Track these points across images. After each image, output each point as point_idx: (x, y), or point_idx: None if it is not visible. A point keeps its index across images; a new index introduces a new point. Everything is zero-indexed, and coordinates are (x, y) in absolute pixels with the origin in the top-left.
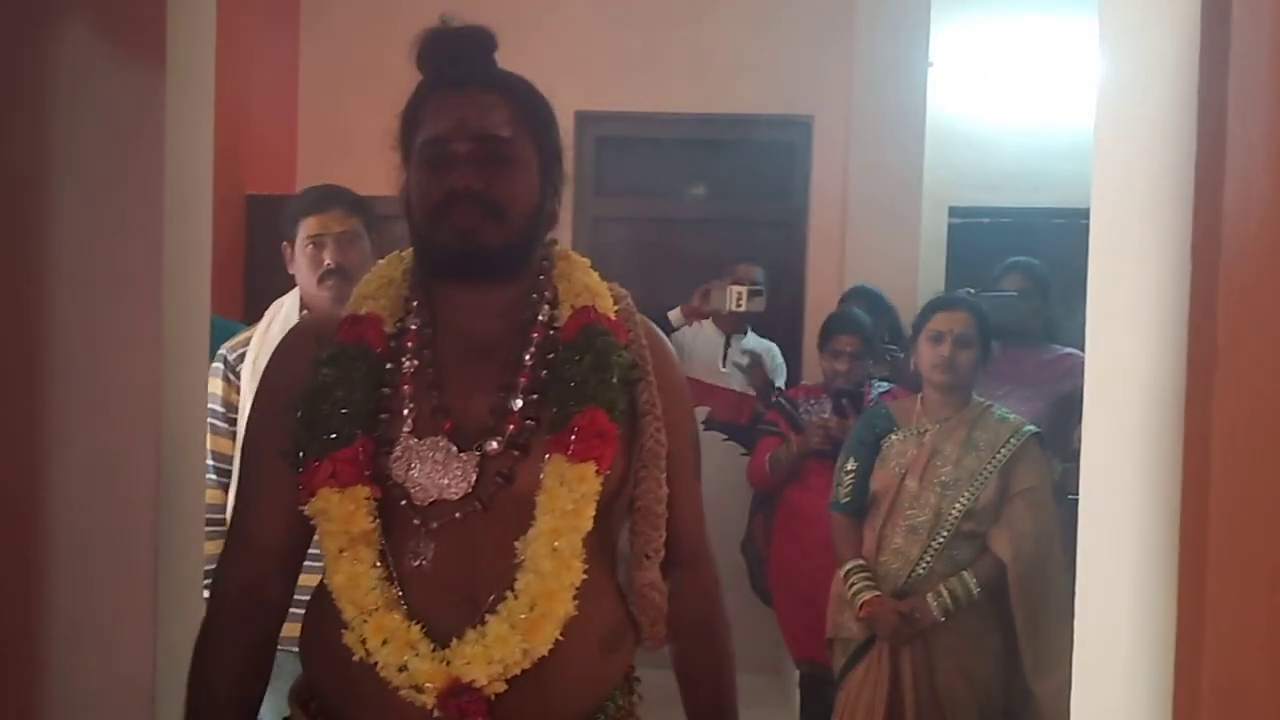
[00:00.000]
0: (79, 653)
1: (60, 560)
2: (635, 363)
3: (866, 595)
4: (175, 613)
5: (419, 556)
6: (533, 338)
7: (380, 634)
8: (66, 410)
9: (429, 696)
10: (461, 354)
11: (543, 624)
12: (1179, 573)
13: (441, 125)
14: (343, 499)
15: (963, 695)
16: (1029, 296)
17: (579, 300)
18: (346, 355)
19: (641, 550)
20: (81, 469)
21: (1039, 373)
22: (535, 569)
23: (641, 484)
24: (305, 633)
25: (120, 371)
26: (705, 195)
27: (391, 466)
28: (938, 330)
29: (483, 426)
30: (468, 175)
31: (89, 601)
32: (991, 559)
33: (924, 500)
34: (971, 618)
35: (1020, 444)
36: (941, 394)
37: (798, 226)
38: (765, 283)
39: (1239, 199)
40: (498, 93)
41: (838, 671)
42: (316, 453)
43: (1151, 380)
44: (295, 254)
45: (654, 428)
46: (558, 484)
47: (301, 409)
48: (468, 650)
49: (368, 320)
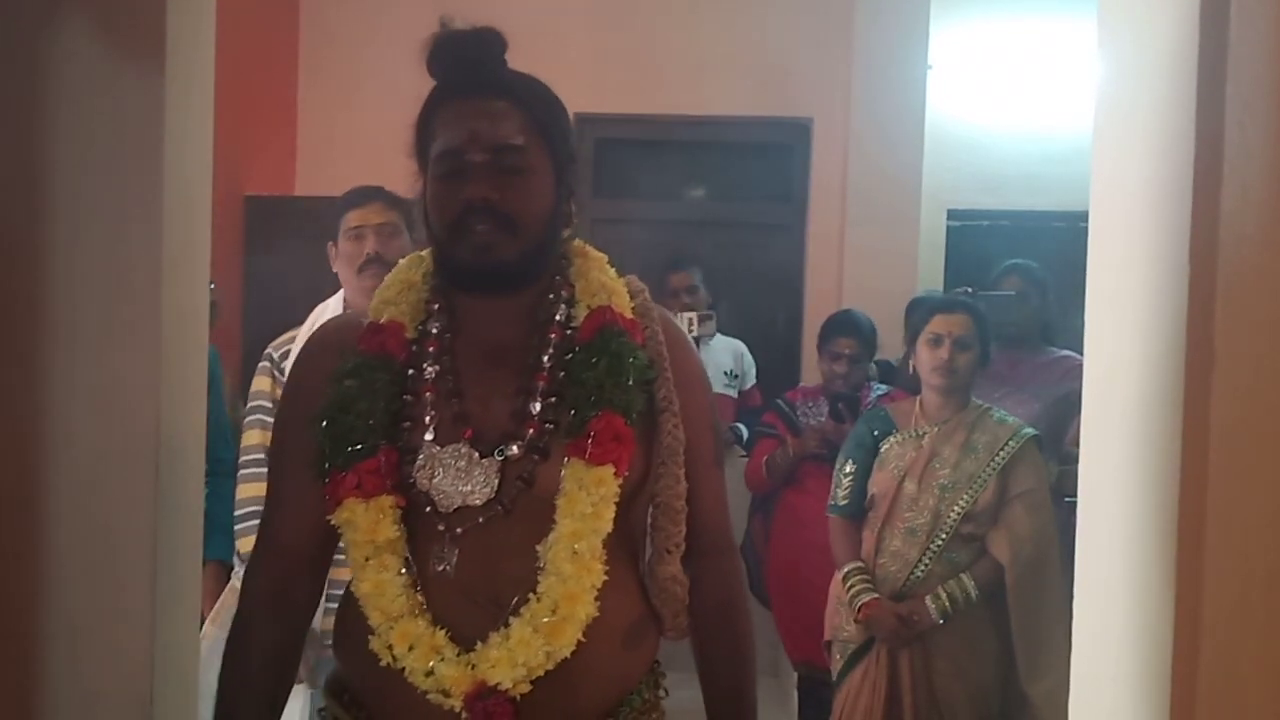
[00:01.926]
0: (77, 653)
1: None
2: (651, 362)
3: (865, 598)
4: (173, 613)
5: (443, 562)
6: (550, 339)
7: (406, 640)
8: (66, 411)
9: (455, 700)
10: (481, 358)
11: (565, 626)
12: (1176, 574)
13: (454, 137)
14: (368, 509)
15: (960, 698)
16: (1027, 299)
17: (595, 299)
18: (368, 366)
19: (662, 545)
20: (80, 469)
21: (1036, 375)
22: (557, 572)
23: (660, 479)
24: (337, 629)
25: (119, 372)
26: (704, 197)
27: (415, 475)
28: (936, 333)
29: (503, 431)
30: (482, 187)
31: (87, 602)
32: (990, 562)
33: (922, 503)
34: (970, 620)
35: (1019, 447)
36: (940, 396)
37: (797, 229)
38: (704, 285)
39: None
40: (509, 99)
41: (835, 674)
42: (341, 464)
43: (1150, 382)
44: (338, 249)
45: (671, 424)
46: (577, 487)
47: (326, 420)
48: (492, 654)
49: (389, 329)
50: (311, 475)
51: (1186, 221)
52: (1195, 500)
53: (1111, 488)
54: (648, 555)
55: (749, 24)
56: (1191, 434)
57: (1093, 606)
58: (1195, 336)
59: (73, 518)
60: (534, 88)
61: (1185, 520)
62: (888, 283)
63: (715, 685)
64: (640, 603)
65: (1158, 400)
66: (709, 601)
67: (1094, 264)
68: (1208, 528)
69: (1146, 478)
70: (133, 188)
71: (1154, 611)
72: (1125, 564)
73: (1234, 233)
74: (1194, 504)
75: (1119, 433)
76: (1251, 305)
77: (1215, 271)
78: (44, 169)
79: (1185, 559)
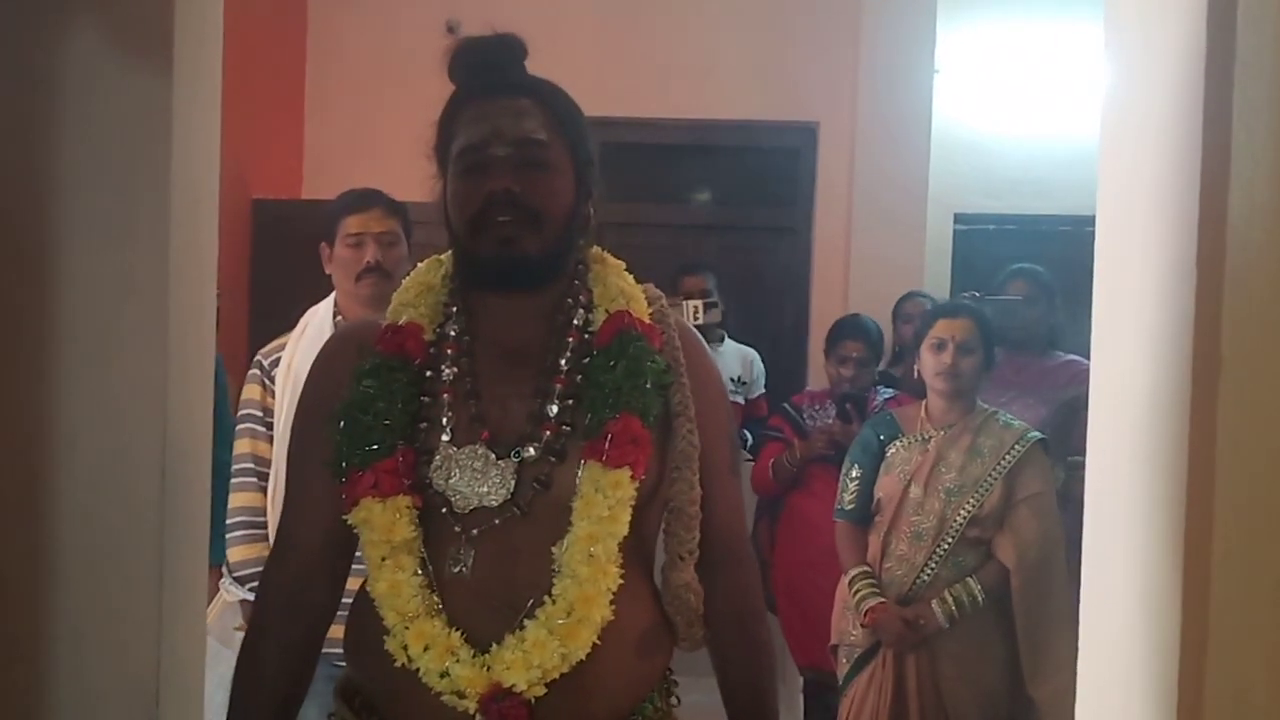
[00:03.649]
0: (84, 654)
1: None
2: (669, 367)
3: (871, 602)
4: (179, 616)
5: (459, 563)
6: (568, 342)
7: (421, 640)
8: (73, 414)
9: (470, 702)
10: (498, 361)
11: (580, 629)
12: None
13: (477, 133)
14: (385, 509)
15: (967, 702)
16: (1033, 303)
17: (614, 304)
18: (387, 366)
19: (676, 551)
20: (87, 472)
21: (1042, 379)
22: (572, 575)
23: (674, 484)
24: (349, 634)
25: (126, 375)
26: (710, 201)
27: (431, 475)
28: (940, 337)
29: (520, 433)
30: (505, 178)
31: (94, 604)
32: (996, 566)
33: (928, 507)
34: (976, 625)
35: (1025, 450)
36: (945, 401)
37: (803, 232)
38: (716, 291)
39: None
40: (531, 98)
41: (842, 678)
42: (359, 463)
43: (1156, 386)
44: (334, 253)
45: (686, 429)
46: (593, 490)
47: (343, 420)
48: (507, 656)
49: (408, 330)
50: (329, 476)
51: (1193, 225)
52: (1202, 503)
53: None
54: (661, 563)
55: (755, 28)
56: (1198, 437)
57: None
58: (1202, 340)
59: (78, 521)
60: (554, 90)
61: (1192, 523)
62: (894, 287)
63: (735, 696)
64: (654, 612)
65: (1164, 404)
66: (727, 612)
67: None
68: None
69: (1153, 481)
70: (140, 192)
71: (1160, 614)
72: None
73: (1240, 236)
74: (1201, 507)
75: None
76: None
77: (1222, 275)
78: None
79: (1192, 562)
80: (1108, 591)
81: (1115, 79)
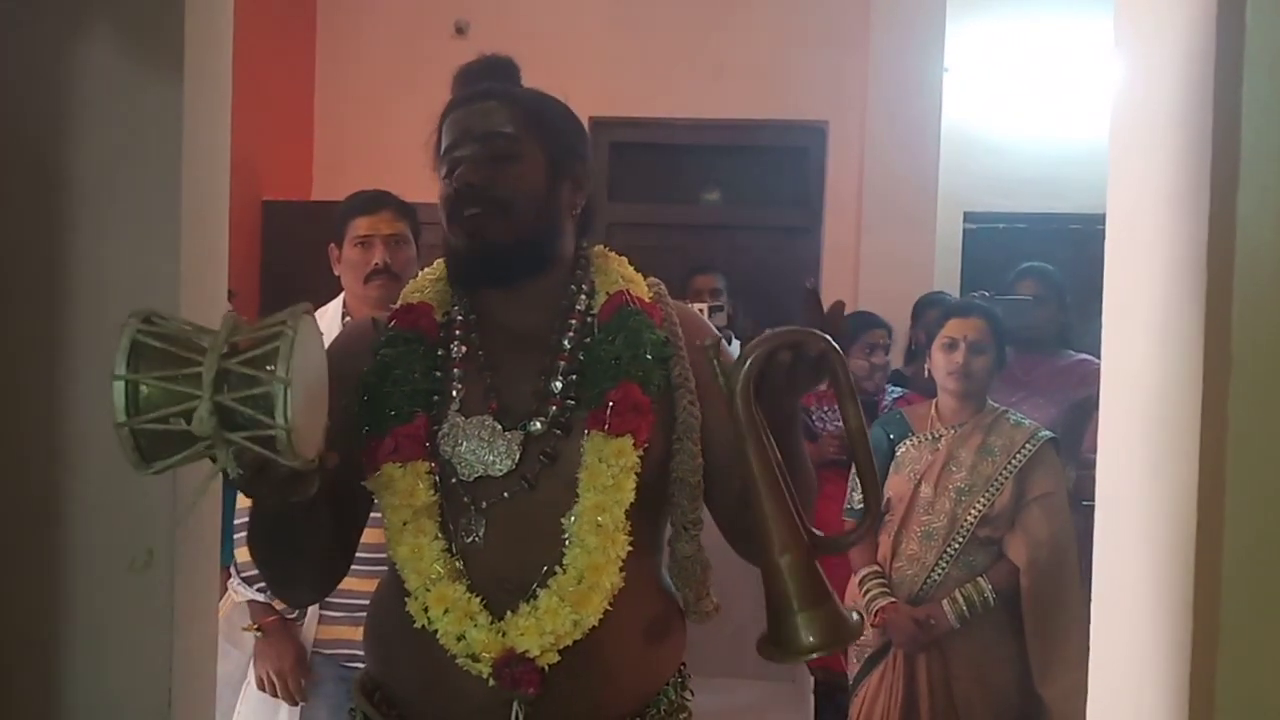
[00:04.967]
0: (98, 656)
1: (79, 565)
2: (668, 339)
3: (881, 602)
4: (192, 616)
5: (471, 534)
6: (570, 324)
7: (442, 603)
8: (85, 415)
9: (484, 665)
10: (505, 344)
11: (591, 595)
12: (1194, 578)
13: (449, 136)
14: (405, 473)
15: (978, 702)
16: (1044, 302)
17: (614, 287)
18: (403, 338)
19: (680, 523)
20: (100, 475)
21: (1053, 379)
22: (581, 544)
23: (677, 456)
24: (369, 623)
25: None
26: (720, 200)
27: (440, 442)
28: (951, 337)
29: (527, 409)
30: (468, 173)
31: (107, 606)
32: (1007, 565)
33: (939, 506)
34: (987, 624)
35: (1036, 450)
36: (956, 400)
37: (813, 231)
38: (726, 291)
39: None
40: (500, 100)
41: (852, 679)
42: (379, 429)
43: (1167, 385)
44: (343, 254)
45: (687, 400)
46: (597, 460)
47: (364, 388)
48: (521, 622)
49: (420, 308)
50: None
51: (1203, 224)
52: (1213, 502)
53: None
54: (668, 536)
55: (764, 27)
56: (1209, 436)
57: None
58: (1212, 339)
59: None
60: (531, 92)
61: (1203, 522)
62: (904, 286)
63: None
64: (664, 597)
65: (1175, 403)
66: None
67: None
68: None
69: (1164, 481)
70: (152, 193)
71: (1172, 613)
72: (1143, 567)
73: (1251, 235)
74: (1212, 506)
75: (1136, 436)
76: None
77: (1232, 274)
78: (65, 175)
79: (1203, 561)
80: (1119, 591)
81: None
